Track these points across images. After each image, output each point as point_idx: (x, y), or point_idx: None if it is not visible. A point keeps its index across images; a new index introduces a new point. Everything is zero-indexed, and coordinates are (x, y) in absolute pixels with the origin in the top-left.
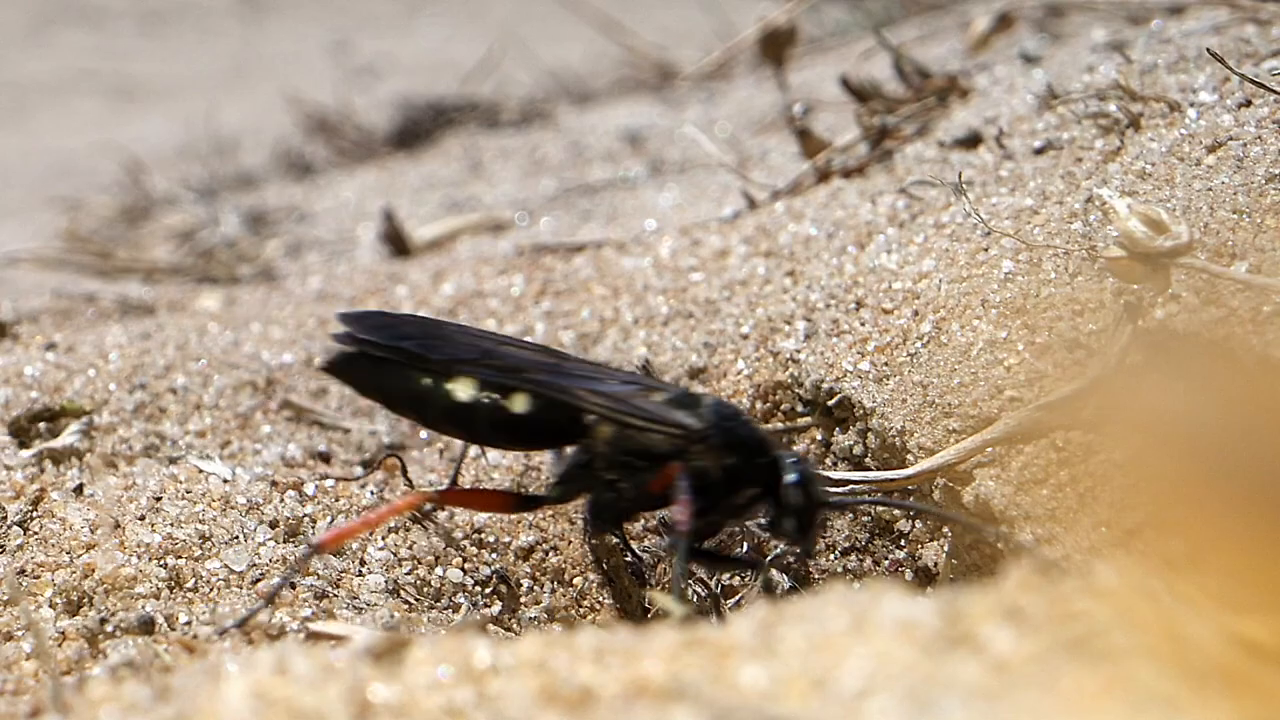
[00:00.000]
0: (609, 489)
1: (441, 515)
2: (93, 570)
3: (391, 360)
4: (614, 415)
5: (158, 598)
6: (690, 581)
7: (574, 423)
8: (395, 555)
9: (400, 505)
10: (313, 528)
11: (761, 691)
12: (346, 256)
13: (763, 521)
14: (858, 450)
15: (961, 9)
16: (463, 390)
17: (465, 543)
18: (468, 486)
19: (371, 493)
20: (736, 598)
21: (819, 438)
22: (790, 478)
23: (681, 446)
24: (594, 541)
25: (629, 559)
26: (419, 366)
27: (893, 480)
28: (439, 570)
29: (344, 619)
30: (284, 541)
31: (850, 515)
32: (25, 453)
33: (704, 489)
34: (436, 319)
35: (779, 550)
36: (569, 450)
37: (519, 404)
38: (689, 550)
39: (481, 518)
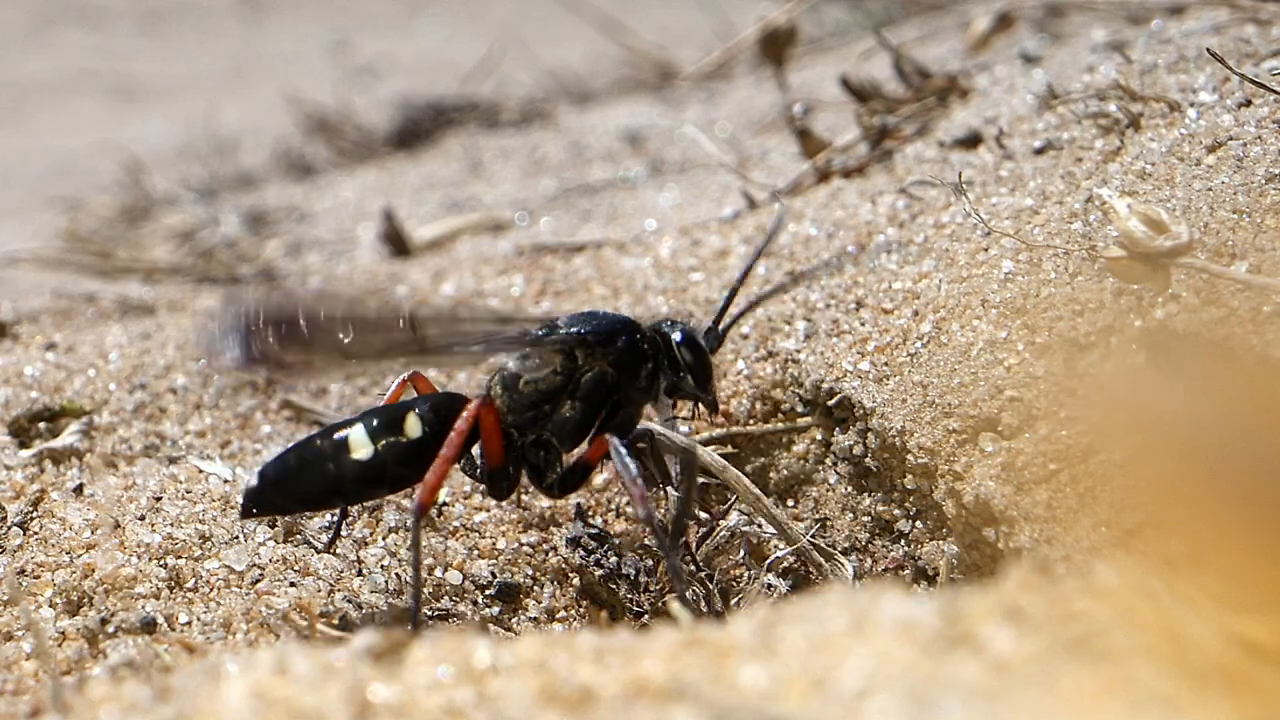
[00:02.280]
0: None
1: (439, 515)
2: (93, 570)
3: None
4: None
5: (158, 598)
6: (690, 581)
7: None
8: (395, 555)
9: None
10: (312, 528)
11: (761, 691)
12: (346, 256)
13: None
14: (858, 450)
15: (961, 9)
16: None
17: (466, 545)
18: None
19: None
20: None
21: (819, 438)
22: (676, 337)
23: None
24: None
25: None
26: None
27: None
28: (439, 571)
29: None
30: (284, 541)
31: (850, 515)
32: (25, 453)
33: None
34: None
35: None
36: None
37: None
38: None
39: (480, 517)
